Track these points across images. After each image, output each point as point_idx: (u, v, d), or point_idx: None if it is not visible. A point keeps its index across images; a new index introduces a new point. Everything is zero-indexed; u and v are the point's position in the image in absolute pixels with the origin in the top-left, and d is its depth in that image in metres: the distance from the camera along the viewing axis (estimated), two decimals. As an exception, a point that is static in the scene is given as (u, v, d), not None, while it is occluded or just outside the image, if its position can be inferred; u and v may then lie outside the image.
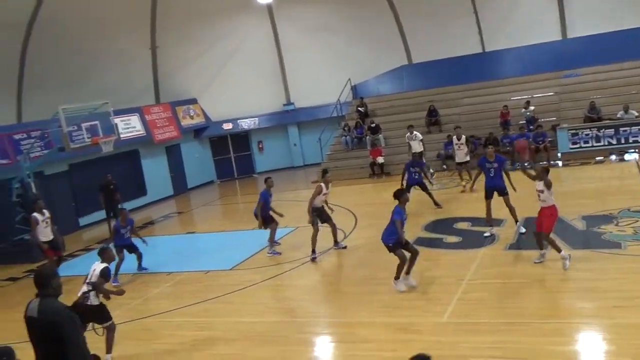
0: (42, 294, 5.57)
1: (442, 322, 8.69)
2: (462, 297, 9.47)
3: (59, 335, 5.40)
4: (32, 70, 21.32)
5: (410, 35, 26.20)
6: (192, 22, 25.50)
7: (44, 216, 13.97)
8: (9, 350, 5.71)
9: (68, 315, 5.65)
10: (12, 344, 6.07)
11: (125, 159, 23.51)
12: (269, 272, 12.49)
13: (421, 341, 8.15)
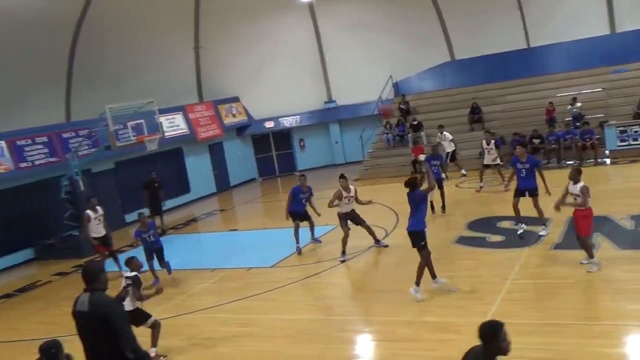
0: (91, 288, 5.71)
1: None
2: (506, 297, 9.31)
3: (109, 328, 5.55)
4: (80, 70, 21.84)
5: (453, 31, 25.88)
6: (235, 22, 25.74)
7: (97, 213, 14.29)
8: (57, 344, 5.90)
9: (118, 308, 5.85)
10: (60, 337, 6.26)
11: (170, 157, 23.91)
12: (309, 269, 12.53)
13: (463, 341, 7.99)
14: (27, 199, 18.25)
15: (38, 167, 18.35)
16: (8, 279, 16.56)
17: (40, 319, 12.31)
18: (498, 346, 4.44)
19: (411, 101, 25.66)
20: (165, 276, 13.36)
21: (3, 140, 17.62)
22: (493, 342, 4.43)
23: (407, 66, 26.32)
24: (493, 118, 23.09)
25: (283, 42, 27.08)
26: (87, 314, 5.59)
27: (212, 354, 9.05)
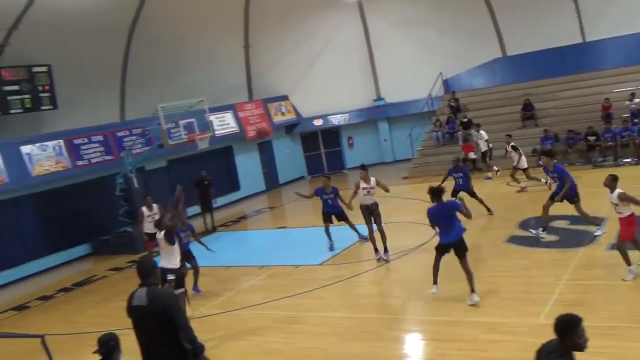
0: (147, 283, 5.87)
1: (539, 323, 8.37)
2: (560, 298, 9.09)
3: (168, 320, 5.71)
4: (134, 70, 22.40)
5: (505, 27, 25.34)
6: (283, 20, 25.90)
7: (152, 211, 14.61)
8: (116, 337, 6.08)
9: (176, 301, 6.05)
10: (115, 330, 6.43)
11: (220, 155, 24.25)
12: (358, 268, 12.51)
13: (515, 342, 7.90)
14: (84, 196, 18.83)
15: (94, 165, 18.90)
16: (66, 274, 17.12)
17: (96, 312, 12.68)
18: (574, 342, 4.27)
19: (461, 98, 25.30)
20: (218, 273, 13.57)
21: (61, 139, 18.22)
22: (569, 337, 4.28)
23: (457, 62, 25.94)
24: (546, 115, 22.56)
25: (332, 40, 27.09)
26: (146, 308, 5.73)
27: (262, 350, 9.15)
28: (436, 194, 9.65)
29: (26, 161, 17.19)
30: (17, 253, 17.26)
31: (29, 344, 9.93)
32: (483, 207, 15.07)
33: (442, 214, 9.54)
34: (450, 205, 9.72)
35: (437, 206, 9.60)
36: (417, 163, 24.04)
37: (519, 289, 9.83)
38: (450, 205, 9.72)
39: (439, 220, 9.63)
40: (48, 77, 19.22)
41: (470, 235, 13.16)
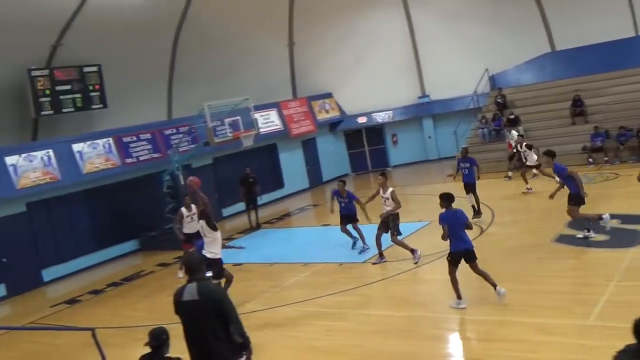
0: (196, 278, 5.98)
1: (587, 324, 8.18)
2: (611, 299, 8.85)
3: (220, 313, 5.83)
4: (181, 69, 22.72)
5: (554, 21, 24.73)
6: (327, 18, 25.90)
7: (190, 212, 14.84)
8: (166, 331, 6.24)
9: (225, 294, 6.13)
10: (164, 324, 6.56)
11: (264, 153, 24.44)
12: (402, 266, 12.43)
13: (563, 343, 7.74)
14: (132, 193, 19.26)
15: (142, 163, 19.30)
16: (115, 269, 17.54)
17: (145, 307, 12.96)
18: None
19: (508, 95, 24.85)
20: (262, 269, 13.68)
21: (111, 138, 18.67)
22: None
23: (504, 58, 25.47)
24: (597, 111, 21.96)
25: (376, 36, 26.95)
26: (197, 302, 5.83)
27: (305, 347, 9.19)
28: (448, 199, 9.65)
29: (77, 159, 17.69)
30: (69, 248, 17.79)
31: (80, 337, 10.23)
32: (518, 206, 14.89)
33: (456, 220, 9.53)
34: (462, 213, 9.73)
35: (450, 212, 9.58)
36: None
37: (568, 290, 9.61)
38: (462, 213, 9.73)
39: (455, 226, 9.50)
40: (98, 77, 19.68)
41: (517, 234, 13.03)
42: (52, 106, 18.65)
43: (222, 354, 5.86)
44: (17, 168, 16.24)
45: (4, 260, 16.04)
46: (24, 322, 13.36)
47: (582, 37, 23.54)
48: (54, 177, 17.00)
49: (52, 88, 18.59)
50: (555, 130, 22.23)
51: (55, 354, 10.86)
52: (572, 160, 20.33)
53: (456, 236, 9.47)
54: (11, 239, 16.28)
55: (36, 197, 17.02)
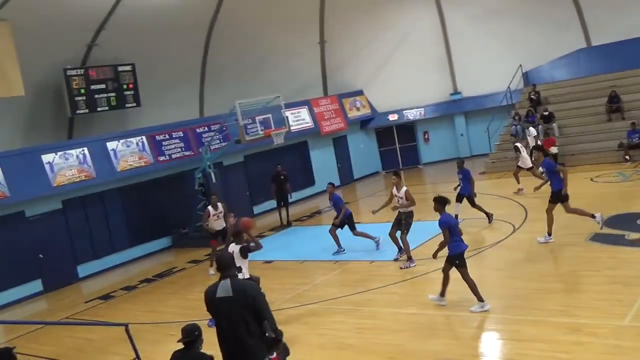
0: (228, 274, 6.02)
1: (624, 325, 8.00)
2: (648, 300, 8.65)
3: (254, 309, 5.86)
4: (212, 67, 22.91)
5: (590, 16, 24.22)
6: (359, 15, 25.80)
7: (217, 210, 14.97)
8: (199, 327, 6.32)
9: (259, 289, 6.17)
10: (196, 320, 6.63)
11: (295, 150, 24.49)
12: (433, 264, 12.29)
13: (599, 344, 7.58)
14: (165, 190, 19.50)
15: (174, 161, 19.52)
16: (148, 265, 17.79)
17: (177, 303, 13.11)
18: None
19: (542, 91, 24.45)
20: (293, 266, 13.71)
21: (144, 136, 18.91)
22: None
23: (538, 54, 25.06)
24: (634, 107, 21.44)
25: (408, 33, 26.77)
26: (232, 298, 5.86)
27: (335, 345, 9.19)
28: (443, 202, 9.78)
29: (112, 157, 17.97)
30: (104, 245, 18.10)
31: (114, 332, 10.40)
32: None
33: (454, 222, 9.78)
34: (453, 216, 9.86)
35: (448, 215, 9.78)
36: (494, 158, 23.45)
37: (604, 289, 9.41)
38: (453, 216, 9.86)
39: (455, 228, 9.64)
40: (132, 76, 19.97)
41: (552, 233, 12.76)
42: (87, 105, 18.99)
43: (255, 350, 5.89)
44: (53, 166, 16.57)
45: (41, 256, 16.40)
46: (59, 317, 13.65)
47: (619, 32, 23.00)
48: (89, 174, 17.31)
49: (87, 87, 18.93)
50: (590, 126, 21.81)
51: (90, 349, 11.05)
52: (608, 157, 19.99)
53: (456, 238, 9.59)
54: (47, 235, 16.64)
55: (72, 195, 17.35)
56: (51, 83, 18.58)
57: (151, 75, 20.39)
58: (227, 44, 22.49)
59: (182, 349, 6.29)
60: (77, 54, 19.16)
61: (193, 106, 23.11)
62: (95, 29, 18.83)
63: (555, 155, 20.94)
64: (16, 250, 15.93)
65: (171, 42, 20.67)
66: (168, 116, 20.55)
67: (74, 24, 17.90)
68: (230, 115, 18.28)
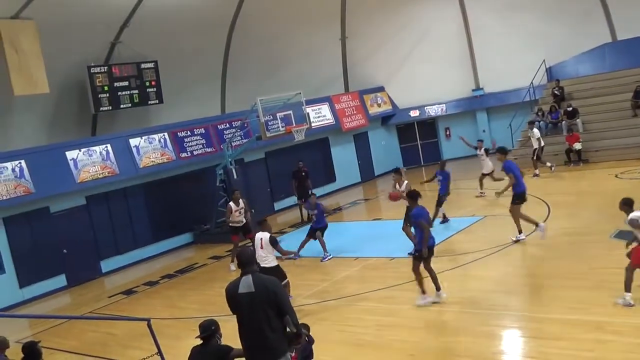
0: (250, 270, 6.06)
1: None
2: (673, 298, 8.50)
3: (275, 304, 5.90)
4: (234, 64, 22.98)
5: (615, 9, 23.81)
6: (380, 11, 25.68)
7: (238, 206, 15.09)
8: (216, 322, 6.40)
9: (280, 284, 6.21)
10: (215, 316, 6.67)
11: (316, 147, 24.49)
12: (454, 261, 12.27)
13: (622, 342, 7.48)
14: (187, 187, 19.64)
15: (196, 157, 19.65)
16: (170, 261, 17.94)
17: (198, 299, 13.20)
18: None
19: (566, 86, 24.11)
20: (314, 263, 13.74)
21: (166, 132, 19.07)
22: None
23: (562, 49, 24.72)
24: (660, 103, 21.09)
25: (429, 29, 26.59)
26: (254, 294, 5.91)
27: (355, 341, 9.19)
28: (415, 196, 10.17)
29: (134, 153, 18.15)
30: (126, 240, 18.29)
31: (136, 327, 10.51)
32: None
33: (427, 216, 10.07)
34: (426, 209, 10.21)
35: (421, 208, 10.09)
36: (517, 154, 23.15)
37: (628, 288, 9.27)
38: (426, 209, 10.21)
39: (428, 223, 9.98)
40: (155, 73, 20.12)
41: (575, 229, 12.68)
42: (110, 102, 19.17)
43: (276, 345, 5.93)
44: (77, 162, 16.78)
45: (65, 251, 16.63)
46: (83, 311, 13.84)
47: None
48: (112, 171, 17.49)
49: (111, 84, 19.12)
50: (615, 122, 21.48)
51: (113, 343, 11.19)
52: (633, 153, 19.67)
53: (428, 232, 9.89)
54: (71, 231, 16.88)
55: (95, 191, 17.57)
56: (75, 80, 18.79)
57: (173, 72, 20.53)
58: (249, 41, 22.54)
59: (201, 344, 6.37)
60: (101, 51, 19.37)
61: (214, 103, 23.22)
62: (118, 26, 19.01)
63: (579, 151, 20.70)
64: (41, 245, 16.18)
65: (193, 39, 20.78)
66: (190, 113, 20.68)
67: (98, 22, 18.08)
68: (251, 111, 18.34)
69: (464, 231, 14.56)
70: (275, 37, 23.20)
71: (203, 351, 6.33)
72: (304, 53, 24.64)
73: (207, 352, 6.30)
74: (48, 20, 16.65)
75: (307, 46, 24.72)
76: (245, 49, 22.64)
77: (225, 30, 22.26)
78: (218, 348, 6.34)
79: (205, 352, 6.31)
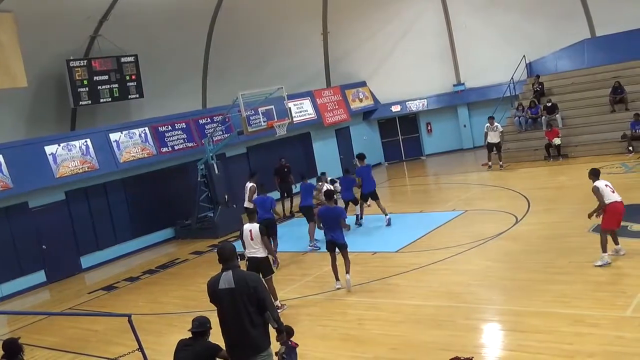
0: (230, 266, 6.05)
1: (626, 316, 8.01)
2: (650, 291, 8.65)
3: (256, 299, 5.91)
4: (215, 59, 22.84)
5: (594, 6, 24.06)
6: (362, 6, 25.67)
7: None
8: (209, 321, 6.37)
9: (260, 280, 6.23)
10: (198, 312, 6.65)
11: (298, 142, 24.46)
12: (435, 255, 12.35)
13: (601, 335, 7.59)
14: (168, 182, 19.52)
15: (177, 152, 19.53)
16: (151, 256, 17.82)
17: (179, 294, 13.15)
18: None
19: (546, 82, 24.32)
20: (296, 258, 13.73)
21: (147, 127, 18.92)
22: None
23: (542, 45, 24.94)
24: (638, 98, 21.32)
25: (411, 25, 26.66)
26: (234, 290, 5.91)
27: (338, 335, 9.22)
28: (329, 196, 11.47)
29: (114, 148, 17.98)
30: (107, 236, 18.13)
31: (117, 323, 10.43)
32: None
33: (330, 216, 11.03)
34: (339, 210, 11.32)
35: (327, 208, 11.23)
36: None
37: (605, 280, 9.42)
38: (339, 210, 11.32)
39: (327, 221, 11.07)
40: (135, 67, 19.90)
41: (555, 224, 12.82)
42: (90, 96, 18.94)
43: (258, 341, 5.94)
44: (56, 157, 16.59)
45: (44, 247, 16.45)
46: (63, 307, 13.72)
47: (623, 23, 22.86)
48: (92, 166, 17.33)
49: (90, 78, 18.88)
50: (594, 117, 21.74)
51: (94, 339, 11.10)
52: (611, 148, 19.92)
53: (328, 228, 11.07)
54: (51, 226, 16.69)
55: (75, 186, 17.38)
56: (54, 74, 18.54)
57: (154, 67, 20.34)
58: (230, 36, 22.42)
59: (190, 338, 6.34)
60: (80, 45, 19.11)
61: (196, 97, 23.07)
62: (98, 20, 18.78)
63: (559, 146, 20.91)
64: (19, 241, 15.99)
65: (174, 33, 20.60)
66: (171, 107, 20.52)
67: (77, 15, 17.85)
68: (233, 106, 18.27)
69: (445, 226, 14.65)
70: (256, 32, 23.09)
71: (192, 346, 6.29)
72: (286, 48, 24.56)
73: (196, 348, 6.25)
74: (27, 12, 16.38)
75: (289, 41, 24.64)
76: (226, 44, 22.51)
77: (206, 24, 22.11)
78: (208, 346, 6.29)
79: (194, 348, 6.26)
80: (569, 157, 20.85)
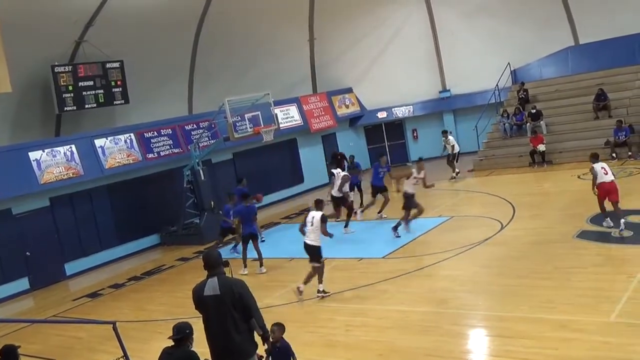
0: (216, 273, 6.02)
1: (610, 321, 8.08)
2: (634, 296, 8.72)
3: (242, 305, 5.91)
4: (201, 65, 22.80)
5: (578, 14, 24.32)
6: (348, 13, 25.77)
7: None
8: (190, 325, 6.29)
9: (246, 286, 6.18)
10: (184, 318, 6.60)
11: (284, 148, 24.45)
12: (422, 261, 12.39)
13: (586, 341, 7.65)
14: (153, 188, 19.42)
15: (163, 158, 19.44)
16: (136, 263, 17.70)
17: (165, 301, 13.07)
18: None
19: (530, 89, 24.55)
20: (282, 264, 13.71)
21: (132, 133, 18.82)
22: None
23: (527, 52, 25.15)
24: (621, 105, 21.61)
25: (397, 31, 26.81)
26: (219, 296, 5.89)
27: (325, 342, 9.20)
28: (245, 197, 14.05)
29: (100, 154, 17.87)
30: (92, 242, 17.99)
31: (102, 330, 10.32)
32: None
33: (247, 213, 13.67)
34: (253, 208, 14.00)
35: (243, 206, 13.77)
36: (483, 155, 23.56)
37: (590, 286, 9.50)
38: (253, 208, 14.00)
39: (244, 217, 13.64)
40: (120, 73, 19.80)
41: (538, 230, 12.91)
42: (75, 102, 18.80)
43: (243, 347, 5.91)
44: (40, 163, 16.45)
45: (28, 254, 16.29)
46: (47, 315, 13.57)
47: (606, 30, 23.13)
48: (77, 172, 17.20)
49: (75, 84, 18.75)
50: (578, 124, 21.97)
51: (78, 347, 11.00)
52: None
53: (245, 224, 13.58)
54: (35, 233, 16.54)
55: (59, 192, 17.24)
56: (39, 80, 18.40)
57: (140, 72, 20.25)
58: (216, 42, 22.39)
59: (172, 345, 6.27)
60: (65, 50, 19.00)
61: (182, 103, 23.00)
62: (83, 25, 18.68)
63: (543, 152, 21.09)
64: (3, 247, 15.84)
65: (160, 39, 20.54)
66: (156, 113, 20.43)
67: (62, 20, 17.75)
68: (219, 112, 18.23)
69: (431, 231, 14.71)
70: (243, 38, 23.09)
71: (175, 353, 6.20)
72: (272, 54, 24.57)
73: (179, 354, 6.17)
74: (11, 17, 16.24)
75: (276, 47, 24.65)
76: (212, 50, 22.48)
77: (192, 30, 22.07)
78: (187, 354, 6.19)
79: (177, 354, 6.18)
80: (553, 163, 21.03)
